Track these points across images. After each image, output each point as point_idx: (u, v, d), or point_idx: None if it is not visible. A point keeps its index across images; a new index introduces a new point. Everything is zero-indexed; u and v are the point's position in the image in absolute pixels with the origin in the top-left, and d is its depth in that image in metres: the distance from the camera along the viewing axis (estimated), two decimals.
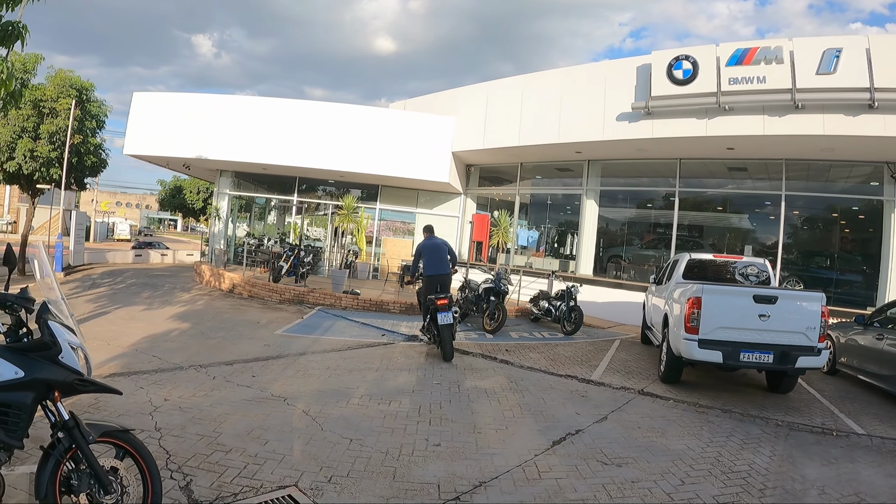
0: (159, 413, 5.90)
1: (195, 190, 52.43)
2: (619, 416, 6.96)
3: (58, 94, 20.34)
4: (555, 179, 19.75)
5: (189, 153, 19.55)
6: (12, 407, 3.16)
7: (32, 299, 3.52)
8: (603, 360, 10.36)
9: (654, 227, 17.61)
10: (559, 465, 5.21)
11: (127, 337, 9.66)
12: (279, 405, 6.51)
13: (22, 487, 4.01)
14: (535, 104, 16.50)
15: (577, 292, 13.36)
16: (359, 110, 19.50)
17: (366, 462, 5.05)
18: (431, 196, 21.28)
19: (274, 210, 26.54)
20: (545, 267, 18.54)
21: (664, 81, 13.43)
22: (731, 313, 7.79)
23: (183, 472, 4.56)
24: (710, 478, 5.11)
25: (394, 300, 14.97)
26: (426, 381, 8.13)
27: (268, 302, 15.18)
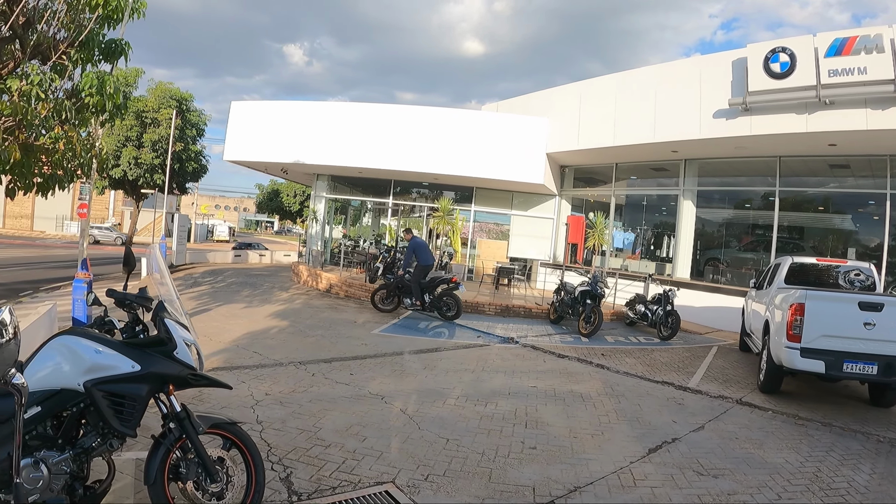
0: (260, 407, 6.19)
1: (292, 193, 54.51)
2: (716, 425, 6.90)
3: (159, 105, 21.85)
4: (650, 180, 19.50)
5: (287, 158, 20.40)
6: (127, 398, 3.33)
7: (151, 299, 3.78)
8: (700, 366, 10.22)
9: (753, 229, 17.14)
10: (655, 474, 5.21)
11: (228, 333, 10.12)
12: (377, 403, 6.71)
13: (127, 472, 4.27)
14: (628, 103, 16.38)
15: (675, 296, 13.21)
16: (451, 113, 19.87)
17: (462, 462, 5.16)
18: (525, 198, 21.39)
19: (369, 212, 27.21)
20: (641, 270, 18.41)
21: (761, 75, 13.08)
22: (836, 321, 7.51)
23: (283, 465, 4.78)
24: (807, 493, 5.02)
25: (489, 302, 15.16)
26: (522, 383, 8.22)
27: (364, 302, 15.52)
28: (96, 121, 7.25)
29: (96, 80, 6.50)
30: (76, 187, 10.29)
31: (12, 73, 6.15)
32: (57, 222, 54.94)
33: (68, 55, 6.66)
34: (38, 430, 3.20)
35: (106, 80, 6.56)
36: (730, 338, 13.47)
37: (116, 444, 3.41)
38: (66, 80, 6.81)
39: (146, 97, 22.66)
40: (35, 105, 5.63)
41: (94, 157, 7.43)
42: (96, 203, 49.61)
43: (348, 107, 21.04)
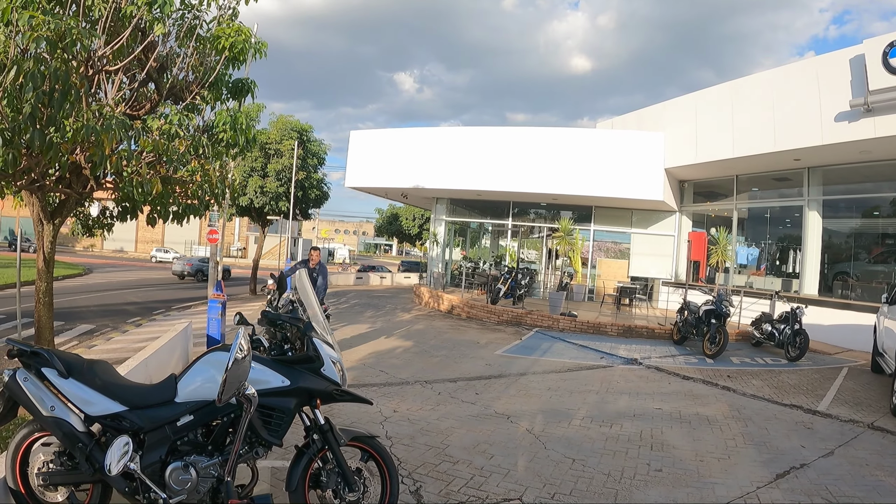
0: (389, 423, 6.55)
1: (411, 217, 55.92)
2: (846, 451, 6.71)
3: (281, 137, 23.42)
4: (772, 191, 18.96)
5: (406, 183, 21.33)
6: (276, 410, 3.58)
7: (301, 320, 4.04)
8: (830, 389, 9.93)
9: (883, 239, 16.30)
10: (782, 500, 5.16)
11: (355, 353, 10.66)
12: (502, 422, 6.98)
13: (264, 479, 4.54)
14: (745, 111, 16.18)
15: (802, 314, 12.78)
16: (565, 132, 20.17)
17: (588, 482, 5.27)
18: (645, 215, 21.32)
19: (488, 234, 27.67)
20: (766, 286, 17.91)
21: (881, 72, 12.58)
22: None
23: (413, 479, 5.02)
24: None
25: (611, 322, 15.27)
26: (646, 405, 8.31)
27: (486, 323, 15.90)
28: (229, 154, 7.73)
29: (229, 118, 7.12)
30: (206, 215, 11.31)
31: (151, 114, 6.78)
32: (185, 247, 59.21)
33: (200, 95, 7.30)
34: (189, 436, 3.55)
35: (238, 117, 7.18)
36: (861, 358, 12.88)
37: (262, 453, 3.67)
38: (200, 118, 7.42)
39: (268, 130, 24.27)
40: (173, 142, 6.20)
41: (227, 187, 7.97)
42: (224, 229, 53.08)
43: (462, 131, 21.76)
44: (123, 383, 3.78)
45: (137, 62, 6.70)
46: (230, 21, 7.20)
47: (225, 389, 3.12)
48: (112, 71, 6.32)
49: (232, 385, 3.15)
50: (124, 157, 5.81)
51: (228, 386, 3.13)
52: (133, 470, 3.36)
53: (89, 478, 3.52)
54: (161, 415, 3.53)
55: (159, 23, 6.15)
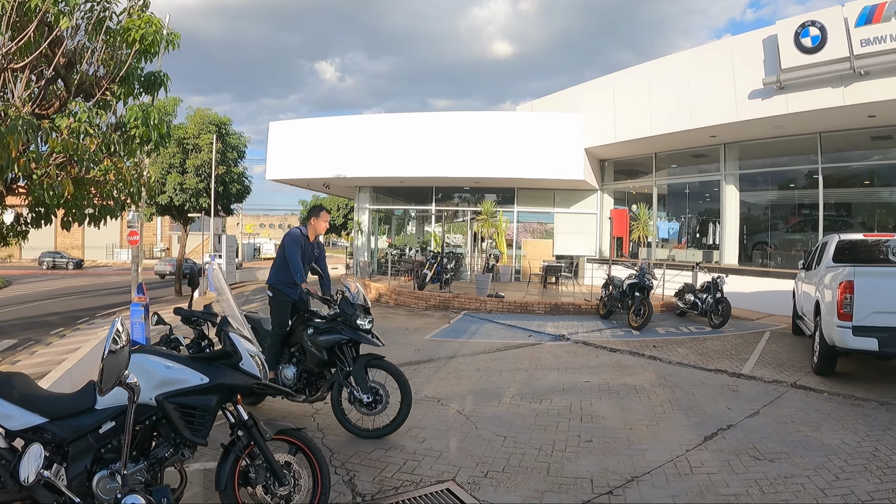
0: (320, 415, 6.35)
1: (335, 207, 55.23)
2: (772, 410, 6.87)
3: (199, 131, 22.59)
4: (691, 167, 19.36)
5: (328, 173, 20.88)
6: (198, 409, 3.53)
7: (216, 314, 4.03)
8: (753, 352, 10.15)
9: (799, 209, 16.89)
10: (711, 461, 5.24)
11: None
12: (433, 405, 6.87)
13: (197, 482, 4.44)
14: (662, 91, 16.41)
15: (724, 283, 13.10)
16: (486, 116, 20.19)
17: (520, 458, 5.25)
18: (567, 195, 21.47)
19: (413, 220, 27.50)
20: (688, 259, 18.32)
21: (793, 51, 12.98)
22: (887, 297, 7.41)
23: (346, 468, 4.93)
24: (865, 473, 4.99)
25: (538, 301, 15.30)
26: (575, 379, 8.29)
27: (414, 309, 15.79)
28: (143, 151, 7.51)
29: (140, 113, 6.83)
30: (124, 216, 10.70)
31: (59, 112, 6.46)
32: (107, 251, 56.88)
33: (111, 90, 6.99)
34: (113, 443, 3.43)
35: (150, 112, 6.89)
36: (782, 322, 13.26)
37: (188, 454, 3.60)
38: (111, 115, 7.17)
39: (186, 124, 23.40)
40: (84, 140, 5.95)
41: (143, 185, 7.70)
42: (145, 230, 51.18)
43: (384, 118, 21.47)
44: (42, 394, 3.68)
45: (44, 58, 6.39)
46: (140, 12, 6.95)
47: (103, 379, 2.97)
48: (18, 69, 6.02)
49: (110, 375, 3.00)
50: (33, 159, 5.57)
51: (107, 377, 2.98)
52: (53, 481, 3.24)
53: (17, 495, 3.34)
54: (82, 424, 3.42)
55: (66, 16, 5.87)
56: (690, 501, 4.49)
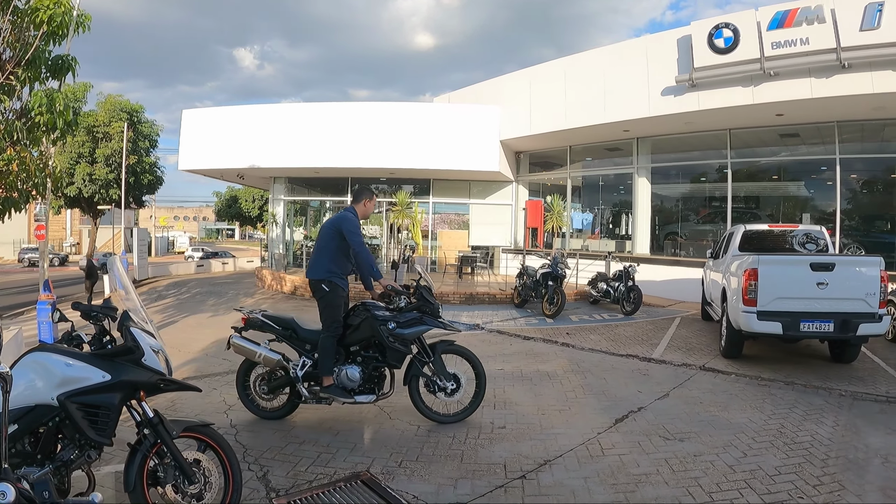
0: (233, 411, 6.13)
1: (250, 198, 53.89)
2: (681, 392, 7.02)
3: (110, 119, 21.46)
4: (605, 160, 19.65)
5: (242, 163, 20.14)
6: (101, 408, 3.42)
7: (115, 308, 3.83)
8: (663, 338, 10.36)
9: (710, 201, 17.41)
10: (622, 442, 5.31)
11: (197, 343, 10.01)
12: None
13: (109, 485, 4.27)
14: (578, 85, 16.52)
15: (635, 272, 13.38)
16: (404, 107, 19.83)
17: (433, 447, 5.21)
18: (483, 186, 21.44)
19: (329, 212, 27.04)
20: (601, 249, 18.61)
21: (706, 52, 13.34)
22: (789, 283, 7.73)
23: (260, 464, 4.80)
24: (772, 449, 5.14)
25: (453, 291, 15.23)
26: (489, 367, 8.00)
27: None
28: (48, 139, 7.13)
29: (45, 99, 6.45)
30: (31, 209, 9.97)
31: None
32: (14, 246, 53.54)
33: (15, 75, 6.58)
34: (16, 447, 3.28)
35: (55, 98, 6.51)
36: (692, 308, 13.66)
37: (94, 455, 3.47)
38: (15, 101, 6.75)
39: (96, 112, 22.22)
40: None
41: (48, 176, 7.32)
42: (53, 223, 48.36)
43: (301, 107, 20.89)
44: None
45: None
46: None
47: None
48: None
49: None
50: None
51: None
52: None
53: None
54: None
55: None
56: (602, 482, 4.52)
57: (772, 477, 4.60)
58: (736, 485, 4.47)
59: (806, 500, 4.23)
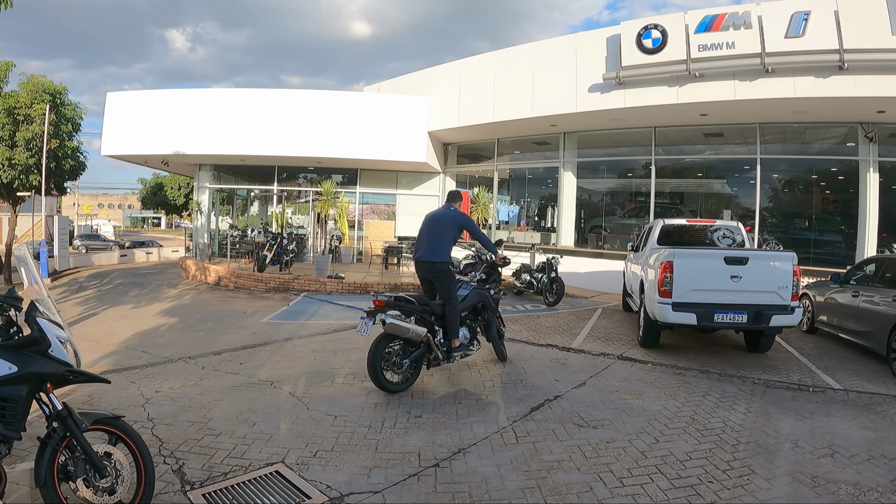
0: (150, 404, 5.99)
1: (176, 186, 52.06)
2: (598, 380, 7.08)
3: (31, 101, 20.18)
4: (533, 153, 19.75)
5: (166, 149, 19.37)
6: (9, 401, 3.34)
7: (20, 298, 3.73)
8: (584, 328, 10.46)
9: (635, 196, 17.66)
10: (536, 430, 5.34)
11: (116, 335, 9.71)
12: (266, 389, 6.61)
13: (24, 482, 4.14)
14: (508, 79, 16.52)
15: (558, 264, 13.53)
16: (334, 95, 19.37)
17: (349, 436, 5.17)
18: (411, 177, 21.26)
19: (255, 200, 26.40)
20: (527, 240, 18.69)
21: (634, 51, 13.53)
22: (703, 276, 7.95)
23: (175, 457, 4.69)
24: (684, 435, 5.23)
25: (378, 281, 15.07)
26: None
27: (254, 291, 15.25)
28: None
29: None
30: None
31: None
32: None
33: None
34: None
35: None
36: (614, 300, 13.93)
37: (4, 450, 3.37)
38: None
39: (17, 92, 20.88)
40: None
41: None
42: None
43: (230, 93, 20.15)
44: None
45: None
46: None
47: None
48: None
49: None
50: None
51: None
52: None
53: None
54: None
55: None
56: (515, 469, 4.55)
57: (682, 462, 4.67)
58: (647, 470, 4.53)
59: (716, 485, 4.29)
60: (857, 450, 5.06)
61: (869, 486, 4.37)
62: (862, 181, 13.80)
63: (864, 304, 8.66)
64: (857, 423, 5.75)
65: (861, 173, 13.84)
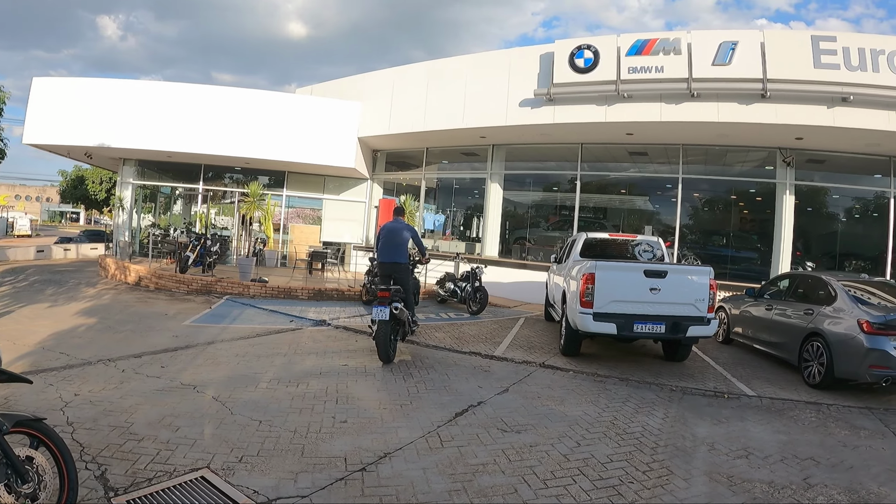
0: (70, 408, 5.77)
1: (98, 180, 49.98)
2: (521, 387, 7.19)
3: None
4: (461, 164, 19.89)
5: (91, 141, 18.54)
6: None
7: None
8: (507, 337, 10.58)
9: (560, 210, 18.03)
10: (461, 435, 5.40)
11: (33, 335, 9.26)
12: (189, 393, 6.46)
13: None
14: (440, 89, 16.62)
15: (482, 273, 13.59)
16: (264, 95, 19.02)
17: (275, 441, 5.13)
18: (338, 182, 21.07)
19: (179, 199, 25.59)
20: (451, 250, 18.76)
21: (566, 69, 13.87)
22: (624, 287, 8.22)
23: (97, 463, 4.55)
24: (605, 439, 5.36)
25: (302, 286, 14.80)
26: (333, 363, 8.16)
27: (175, 293, 14.77)
28: None
29: None
30: None
31: None
32: None
33: None
34: None
35: None
36: (536, 310, 14.12)
37: None
38: None
39: None
40: None
41: None
42: None
43: (159, 86, 19.40)
44: None
45: None
46: None
47: None
48: None
49: None
50: None
51: None
52: None
53: None
54: None
55: None
56: (441, 472, 4.60)
57: (604, 464, 4.80)
58: (569, 472, 4.64)
59: (636, 485, 4.42)
60: (771, 451, 5.34)
61: (783, 485, 4.64)
62: (778, 203, 14.62)
63: (778, 316, 9.20)
64: (770, 427, 6.06)
65: (778, 195, 14.66)
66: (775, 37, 12.44)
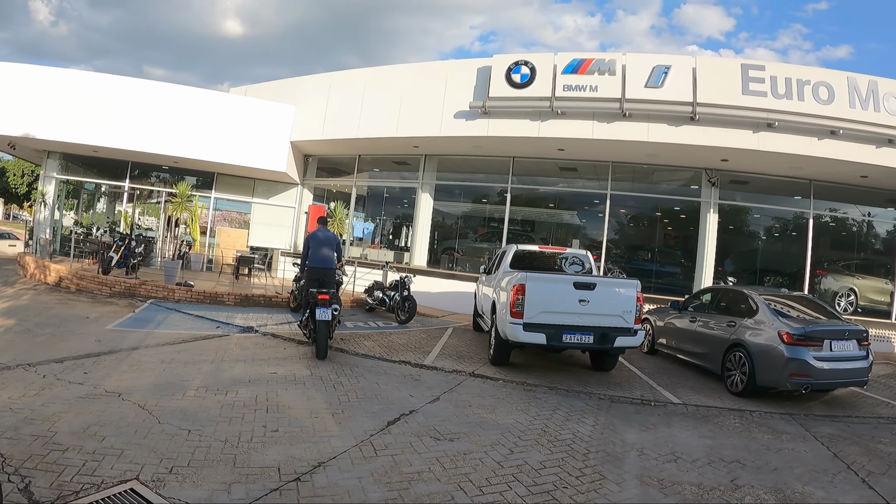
0: None
1: (19, 173, 47.56)
2: (451, 396, 7.24)
3: None
4: (392, 173, 19.90)
5: (15, 131, 17.54)
6: None
7: None
8: (436, 346, 10.66)
9: (489, 222, 18.28)
10: (395, 443, 5.42)
11: None
12: (114, 401, 6.22)
13: None
14: (376, 97, 16.61)
15: (411, 282, 13.63)
16: (197, 93, 18.50)
17: (206, 451, 5.02)
18: (268, 186, 20.71)
19: (104, 197, 24.57)
20: (380, 258, 18.77)
21: (502, 84, 14.12)
22: (554, 299, 8.40)
23: (20, 475, 4.37)
24: (537, 446, 5.46)
25: (228, 292, 14.45)
26: (262, 371, 8.03)
27: (97, 295, 14.17)
28: None
29: None
30: None
31: None
32: None
33: None
34: None
35: None
36: (465, 320, 14.29)
37: None
38: None
39: None
40: None
41: None
42: None
43: (89, 77, 18.52)
44: None
45: None
46: None
47: None
48: None
49: None
50: None
51: None
52: None
53: None
54: None
55: None
56: (376, 481, 4.59)
57: (538, 471, 4.88)
58: (504, 479, 4.70)
59: (570, 490, 4.52)
60: (698, 455, 5.59)
61: (712, 486, 4.86)
62: (702, 220, 15.26)
63: (702, 328, 9.64)
64: (696, 433, 6.33)
65: (702, 213, 15.31)
66: (707, 63, 13.12)
